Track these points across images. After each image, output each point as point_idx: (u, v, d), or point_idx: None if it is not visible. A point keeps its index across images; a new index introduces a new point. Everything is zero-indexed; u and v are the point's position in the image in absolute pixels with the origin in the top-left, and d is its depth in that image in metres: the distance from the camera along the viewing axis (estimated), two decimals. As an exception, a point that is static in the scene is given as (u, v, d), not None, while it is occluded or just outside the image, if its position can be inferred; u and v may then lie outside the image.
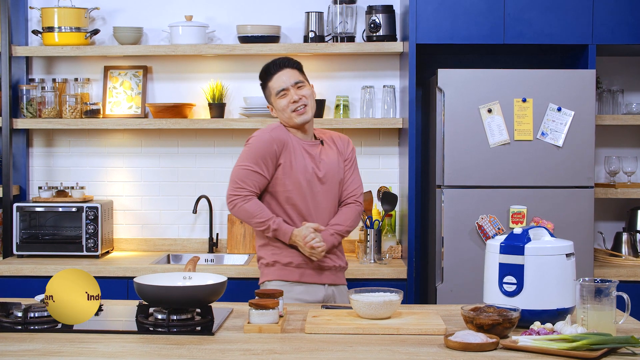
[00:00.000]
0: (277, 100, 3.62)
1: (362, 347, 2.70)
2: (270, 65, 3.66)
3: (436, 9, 4.57)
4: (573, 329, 2.70)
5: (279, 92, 3.61)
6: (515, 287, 2.94)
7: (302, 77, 3.66)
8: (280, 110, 3.63)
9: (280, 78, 3.62)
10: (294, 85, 3.61)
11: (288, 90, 3.60)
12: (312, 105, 3.65)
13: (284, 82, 3.61)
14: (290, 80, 3.61)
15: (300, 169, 3.61)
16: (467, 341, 2.64)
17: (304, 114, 3.61)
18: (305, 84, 3.65)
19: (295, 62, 3.67)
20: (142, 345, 2.75)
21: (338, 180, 3.71)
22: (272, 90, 3.64)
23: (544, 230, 3.07)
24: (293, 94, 3.59)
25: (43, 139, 5.27)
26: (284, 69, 3.63)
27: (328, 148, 3.73)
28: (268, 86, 3.66)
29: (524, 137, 4.43)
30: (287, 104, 3.60)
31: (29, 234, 4.92)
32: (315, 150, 3.68)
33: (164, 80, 5.24)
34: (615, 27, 4.57)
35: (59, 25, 4.98)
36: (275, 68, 3.63)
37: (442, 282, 4.49)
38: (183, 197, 5.25)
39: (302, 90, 3.62)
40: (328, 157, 3.69)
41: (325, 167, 3.66)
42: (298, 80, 3.62)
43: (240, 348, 2.70)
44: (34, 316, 2.98)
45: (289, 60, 3.66)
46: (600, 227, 5.12)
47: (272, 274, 3.66)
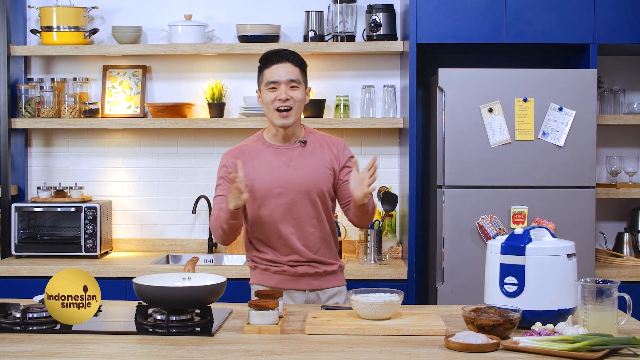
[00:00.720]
0: (266, 92, 3.47)
1: (362, 348, 2.70)
2: (273, 53, 3.48)
3: (437, 8, 4.56)
4: (574, 330, 2.69)
5: (269, 84, 3.44)
6: (516, 287, 2.93)
7: (300, 77, 3.47)
8: (265, 103, 3.49)
9: (277, 70, 3.44)
10: (287, 82, 3.43)
11: (279, 86, 3.43)
12: (298, 109, 3.47)
13: (278, 76, 3.43)
14: (286, 76, 3.43)
15: (261, 179, 3.48)
16: (467, 342, 2.64)
17: (286, 118, 3.44)
18: (300, 86, 3.46)
19: (299, 60, 3.49)
20: (141, 346, 2.74)
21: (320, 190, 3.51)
22: (264, 79, 3.47)
23: (545, 230, 3.06)
24: (283, 91, 3.42)
25: (41, 138, 5.27)
26: (285, 63, 3.44)
27: (313, 150, 3.55)
28: (263, 72, 3.50)
29: (525, 137, 4.42)
30: (273, 99, 3.43)
31: (28, 235, 4.91)
32: (290, 153, 3.52)
33: (163, 79, 5.23)
34: (616, 26, 4.56)
35: (58, 25, 4.98)
36: (277, 58, 3.45)
37: (442, 283, 4.48)
38: (182, 197, 5.24)
39: (293, 92, 3.44)
40: (307, 158, 3.52)
41: (301, 172, 3.49)
42: (294, 79, 3.44)
43: (239, 349, 2.69)
44: (32, 317, 2.97)
45: (294, 55, 3.48)
46: (602, 227, 5.11)
47: (254, 277, 3.62)
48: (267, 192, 3.48)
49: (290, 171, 3.50)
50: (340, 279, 3.67)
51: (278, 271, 3.54)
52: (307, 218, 3.52)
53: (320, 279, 3.58)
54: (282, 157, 3.52)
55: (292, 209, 3.50)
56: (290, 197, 3.49)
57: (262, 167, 3.50)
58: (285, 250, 3.54)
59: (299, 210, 3.51)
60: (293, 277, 3.55)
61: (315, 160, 3.53)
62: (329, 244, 3.61)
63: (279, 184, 3.48)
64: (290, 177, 3.49)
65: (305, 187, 3.49)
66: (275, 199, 3.49)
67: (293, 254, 3.53)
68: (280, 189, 3.48)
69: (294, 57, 3.48)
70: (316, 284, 3.57)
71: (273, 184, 3.48)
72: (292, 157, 3.52)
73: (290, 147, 3.54)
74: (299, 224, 3.52)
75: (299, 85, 3.47)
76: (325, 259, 3.59)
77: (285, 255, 3.54)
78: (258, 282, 3.59)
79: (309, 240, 3.54)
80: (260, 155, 3.53)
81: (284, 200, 3.49)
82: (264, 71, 3.50)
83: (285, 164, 3.51)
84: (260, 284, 3.58)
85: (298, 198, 3.49)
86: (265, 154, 3.53)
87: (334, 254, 3.66)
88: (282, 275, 3.55)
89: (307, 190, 3.50)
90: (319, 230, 3.56)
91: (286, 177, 3.49)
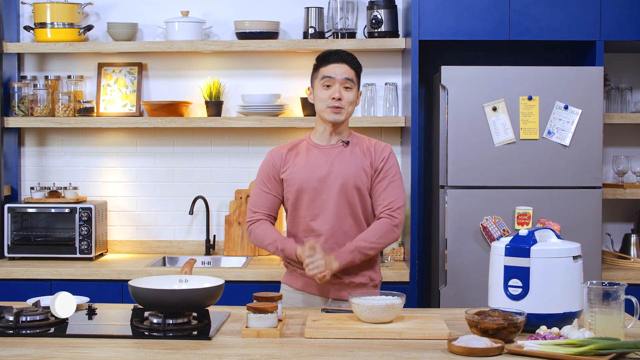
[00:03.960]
0: (320, 89, 3.54)
1: (363, 352, 2.69)
2: (332, 53, 3.56)
3: (439, 4, 4.56)
4: (580, 334, 2.69)
5: (324, 79, 3.51)
6: (520, 290, 2.94)
7: (355, 79, 3.56)
8: (318, 100, 3.56)
9: (334, 69, 3.52)
10: (342, 81, 3.51)
11: (334, 83, 3.51)
12: (349, 111, 3.56)
13: (335, 74, 3.51)
14: (342, 75, 3.51)
15: (300, 174, 3.55)
16: (471, 346, 2.64)
17: (337, 114, 3.51)
18: (353, 88, 3.55)
19: (355, 63, 3.57)
20: (137, 350, 2.74)
21: (356, 186, 3.54)
22: (319, 75, 3.55)
23: (551, 231, 3.07)
24: (337, 90, 3.50)
25: (35, 138, 5.25)
26: (342, 64, 3.53)
27: (353, 149, 3.60)
28: (319, 70, 3.57)
29: (530, 136, 4.41)
30: (327, 97, 3.51)
31: (21, 236, 4.89)
32: (332, 152, 3.58)
33: (159, 77, 5.21)
34: (623, 22, 4.55)
35: (52, 21, 4.96)
36: (335, 58, 3.54)
37: (445, 285, 4.46)
38: (179, 198, 5.23)
39: (346, 92, 3.52)
40: (348, 160, 3.56)
41: (339, 168, 3.54)
42: (349, 78, 3.51)
43: (238, 353, 2.69)
44: (25, 320, 2.98)
45: (351, 58, 3.56)
46: (608, 228, 5.09)
47: (284, 277, 3.70)
48: (304, 187, 3.55)
49: (327, 167, 3.56)
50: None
51: (305, 274, 3.49)
52: (343, 215, 3.54)
53: (346, 290, 3.54)
54: (323, 155, 3.59)
55: (327, 205, 3.53)
56: (327, 193, 3.54)
57: (302, 163, 3.58)
58: None
59: (335, 207, 3.53)
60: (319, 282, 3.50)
61: (353, 158, 3.58)
62: None
63: (316, 178, 3.54)
64: (327, 173, 3.55)
65: (341, 182, 3.53)
66: (312, 194, 3.54)
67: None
68: (317, 184, 3.54)
69: (351, 60, 3.56)
70: (341, 295, 3.56)
71: (310, 179, 3.55)
72: (332, 155, 3.59)
73: (332, 147, 3.60)
74: (333, 222, 3.54)
75: (353, 87, 3.56)
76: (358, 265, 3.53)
77: None
78: (286, 282, 3.67)
79: (342, 240, 3.53)
80: (302, 152, 3.61)
81: (320, 195, 3.54)
82: (319, 69, 3.57)
83: (324, 161, 3.57)
84: (288, 284, 3.65)
85: (334, 193, 3.53)
86: (307, 151, 3.61)
87: (370, 263, 3.61)
88: (309, 279, 3.53)
89: (343, 185, 3.53)
90: (356, 231, 3.55)
91: (323, 173, 3.55)
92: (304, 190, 3.54)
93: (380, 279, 3.67)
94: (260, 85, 5.13)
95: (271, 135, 5.13)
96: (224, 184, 5.17)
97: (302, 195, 3.55)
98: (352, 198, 3.54)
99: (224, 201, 5.16)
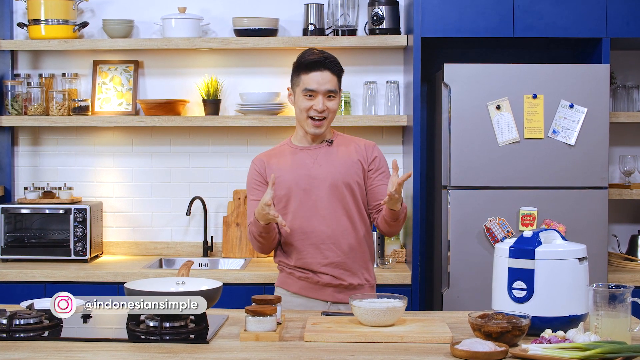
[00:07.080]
0: (301, 98, 3.49)
1: (364, 356, 2.68)
2: (315, 59, 3.48)
3: (442, 1, 4.56)
4: (586, 337, 2.69)
5: (307, 91, 3.47)
6: (525, 292, 2.93)
7: (337, 86, 3.52)
8: (299, 108, 3.52)
9: (316, 78, 3.46)
10: (325, 93, 3.46)
11: (316, 95, 3.47)
12: (332, 119, 3.54)
13: (318, 85, 3.46)
14: (325, 86, 3.46)
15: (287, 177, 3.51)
16: (474, 350, 2.63)
17: (319, 128, 3.49)
18: (336, 97, 3.51)
19: (337, 68, 3.52)
20: (133, 354, 2.74)
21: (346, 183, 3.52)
22: (302, 84, 3.50)
23: (556, 233, 3.06)
24: (320, 102, 3.46)
25: (29, 137, 5.24)
26: (325, 71, 3.47)
27: (339, 147, 3.58)
28: (300, 77, 3.51)
29: (535, 135, 4.39)
30: (309, 107, 3.47)
31: (14, 237, 4.89)
32: (318, 152, 3.56)
33: (155, 75, 5.20)
34: (630, 19, 4.54)
35: (46, 18, 4.96)
36: (317, 65, 3.46)
37: (448, 288, 4.45)
38: (176, 199, 5.21)
39: (330, 102, 3.48)
40: (335, 158, 3.55)
41: (326, 168, 3.52)
42: (332, 90, 3.47)
43: (236, 357, 2.70)
44: (19, 323, 2.97)
45: (334, 64, 3.50)
46: (615, 229, 5.07)
47: (278, 280, 3.66)
48: (292, 189, 3.52)
49: (315, 167, 3.54)
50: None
51: (302, 277, 3.54)
52: (336, 215, 3.51)
53: (344, 292, 3.53)
54: (309, 156, 3.57)
55: (320, 205, 3.51)
56: (317, 193, 3.51)
57: (288, 166, 3.56)
58: (312, 252, 3.51)
59: (327, 207, 3.51)
60: (316, 285, 3.54)
61: (341, 155, 3.57)
62: (361, 248, 3.56)
63: (305, 180, 3.52)
64: (316, 173, 3.53)
65: (332, 180, 3.51)
66: (302, 195, 3.51)
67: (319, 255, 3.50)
68: (306, 185, 3.51)
69: (334, 66, 3.51)
70: (340, 297, 3.54)
71: (299, 181, 3.52)
72: (318, 155, 3.57)
73: (317, 147, 3.59)
74: (328, 222, 3.51)
75: (336, 96, 3.53)
76: (355, 265, 3.53)
77: (312, 258, 3.51)
78: (281, 285, 3.63)
79: (339, 240, 3.51)
80: (287, 156, 3.60)
81: (310, 196, 3.51)
82: (301, 75, 3.52)
83: (311, 162, 3.56)
84: (283, 287, 3.61)
85: (325, 193, 3.51)
86: (292, 154, 3.59)
87: (365, 263, 3.60)
88: (305, 282, 3.54)
89: (333, 184, 3.51)
90: (351, 230, 3.53)
91: (311, 173, 3.53)
92: (293, 192, 3.51)
93: (374, 282, 3.66)
94: (259, 83, 5.11)
95: (270, 135, 5.09)
96: (221, 185, 5.15)
97: (291, 197, 3.52)
98: (344, 196, 3.52)
99: (221, 202, 5.14)
